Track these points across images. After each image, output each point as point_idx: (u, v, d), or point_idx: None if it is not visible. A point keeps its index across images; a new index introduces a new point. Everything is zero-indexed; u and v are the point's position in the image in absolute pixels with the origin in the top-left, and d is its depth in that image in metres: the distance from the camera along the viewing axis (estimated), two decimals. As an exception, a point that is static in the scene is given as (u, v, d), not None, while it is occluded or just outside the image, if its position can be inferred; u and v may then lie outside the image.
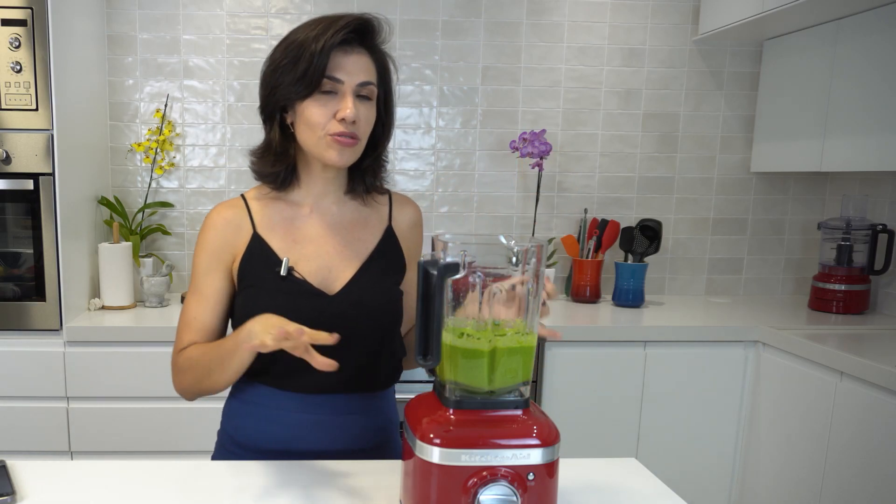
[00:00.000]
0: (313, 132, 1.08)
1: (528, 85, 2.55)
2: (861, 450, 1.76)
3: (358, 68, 1.08)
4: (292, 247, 1.15)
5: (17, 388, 2.03)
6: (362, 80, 1.08)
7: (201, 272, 1.16)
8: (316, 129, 1.08)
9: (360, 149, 1.12)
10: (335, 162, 1.09)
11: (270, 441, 1.15)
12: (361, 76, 1.08)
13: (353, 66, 1.07)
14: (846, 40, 2.15)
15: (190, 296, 1.17)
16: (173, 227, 2.51)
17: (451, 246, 0.83)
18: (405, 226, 1.23)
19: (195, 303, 1.16)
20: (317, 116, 1.07)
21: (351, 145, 1.08)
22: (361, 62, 1.08)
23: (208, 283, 1.15)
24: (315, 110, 1.07)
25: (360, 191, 1.20)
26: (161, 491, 1.00)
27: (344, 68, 1.07)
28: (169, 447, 2.07)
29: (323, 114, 1.07)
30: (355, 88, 1.07)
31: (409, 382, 2.01)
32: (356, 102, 1.07)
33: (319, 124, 1.07)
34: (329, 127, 1.07)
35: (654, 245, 2.41)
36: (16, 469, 1.05)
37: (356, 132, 1.08)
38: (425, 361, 0.84)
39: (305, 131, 1.10)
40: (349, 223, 1.19)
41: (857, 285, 2.36)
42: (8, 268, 2.03)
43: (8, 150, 1.94)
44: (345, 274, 1.14)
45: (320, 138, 1.08)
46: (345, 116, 1.06)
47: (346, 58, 1.07)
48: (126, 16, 2.42)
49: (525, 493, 0.81)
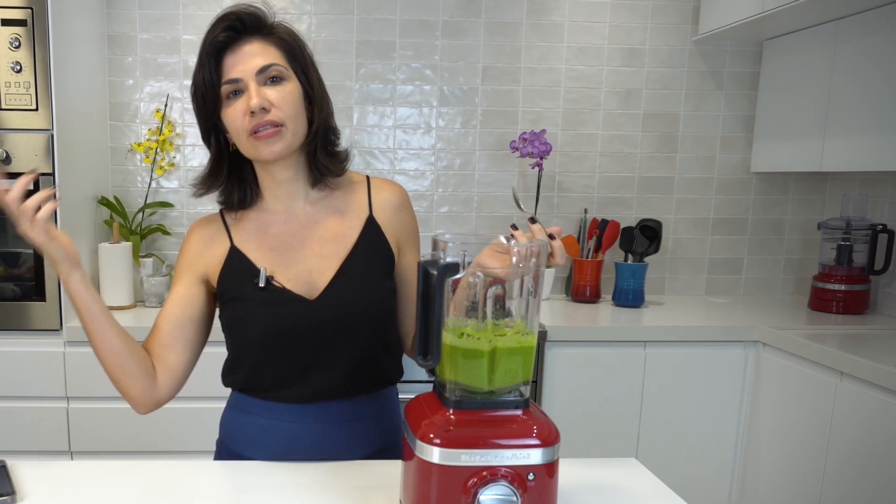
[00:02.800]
0: (239, 136, 1.07)
1: (528, 85, 2.55)
2: (861, 450, 1.76)
3: (250, 57, 1.04)
4: (269, 255, 1.12)
5: (17, 388, 2.03)
6: (259, 65, 1.04)
7: (174, 281, 1.17)
8: (239, 133, 1.06)
9: (291, 132, 1.06)
10: (269, 156, 1.05)
11: (268, 453, 1.12)
12: (257, 62, 1.04)
13: (243, 59, 1.04)
14: (846, 40, 2.15)
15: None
16: (173, 227, 2.51)
17: (451, 246, 0.83)
18: (388, 211, 1.15)
19: (164, 304, 1.16)
20: (234, 120, 1.05)
21: (274, 134, 1.04)
22: (254, 49, 1.05)
23: (174, 291, 1.15)
24: (231, 115, 1.06)
25: (323, 177, 1.13)
26: (161, 491, 1.00)
27: (234, 66, 1.04)
28: (169, 447, 2.07)
29: (237, 115, 1.05)
30: (256, 77, 1.04)
31: (409, 382, 2.01)
32: (263, 89, 1.04)
33: (238, 127, 1.05)
34: (245, 124, 1.04)
35: (654, 245, 2.41)
36: (16, 469, 1.05)
37: (274, 119, 1.03)
38: (425, 361, 0.84)
39: (236, 140, 1.08)
40: (326, 221, 1.14)
41: (857, 285, 2.36)
42: (8, 268, 2.03)
43: (8, 150, 1.94)
44: (325, 276, 1.10)
45: (246, 141, 1.06)
46: (250, 107, 1.02)
47: (234, 56, 1.05)
48: (126, 16, 2.42)
49: (525, 493, 0.81)
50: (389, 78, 2.51)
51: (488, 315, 0.85)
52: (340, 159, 1.15)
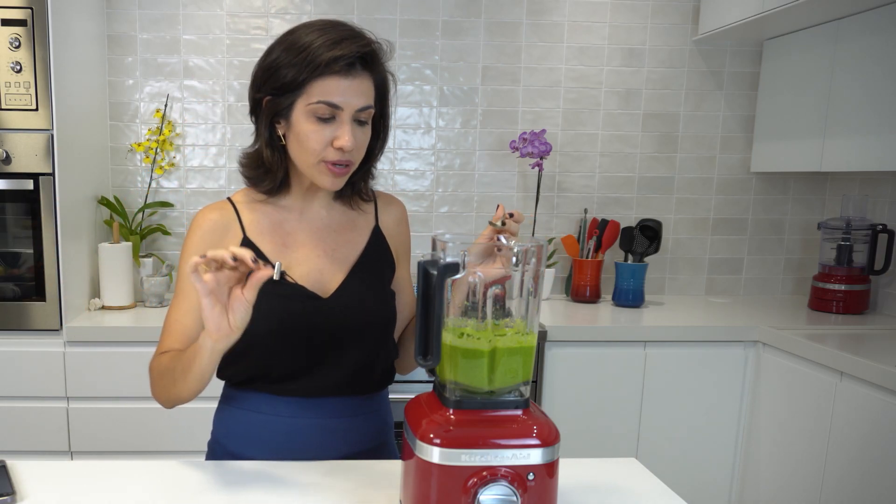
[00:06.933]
0: (307, 156, 1.06)
1: (528, 85, 2.55)
2: (861, 450, 1.76)
3: (358, 93, 1.04)
4: (283, 251, 1.14)
5: (17, 388, 2.03)
6: (362, 105, 1.05)
7: (186, 275, 1.12)
8: (312, 154, 1.05)
9: (353, 170, 1.10)
10: (328, 187, 1.09)
11: (265, 448, 1.13)
12: (361, 101, 1.05)
13: (353, 92, 1.04)
14: (846, 40, 2.15)
15: (173, 299, 1.14)
16: (173, 227, 2.51)
17: (450, 246, 0.83)
18: (392, 223, 1.23)
19: (177, 306, 1.12)
20: (313, 142, 1.04)
21: (345, 173, 1.08)
22: (363, 87, 1.05)
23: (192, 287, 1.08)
24: (312, 135, 1.04)
25: (348, 197, 1.19)
26: (161, 490, 1.00)
27: (344, 94, 1.03)
28: (169, 447, 2.07)
29: (319, 140, 1.04)
30: (354, 114, 1.05)
31: (409, 382, 2.00)
32: (354, 128, 1.05)
33: (315, 151, 1.05)
34: (325, 154, 1.05)
35: (654, 245, 2.41)
36: (16, 469, 1.05)
37: (351, 159, 1.07)
38: (425, 361, 0.84)
39: (299, 151, 1.07)
40: (338, 226, 1.18)
41: (857, 285, 2.35)
42: (8, 268, 2.03)
43: (8, 150, 1.94)
44: (336, 277, 1.14)
45: (314, 164, 1.06)
46: (342, 146, 1.03)
47: (347, 82, 1.03)
48: (126, 16, 2.42)
49: (525, 493, 0.81)
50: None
51: (488, 315, 0.85)
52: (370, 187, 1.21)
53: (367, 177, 1.19)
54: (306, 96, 1.04)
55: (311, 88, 1.03)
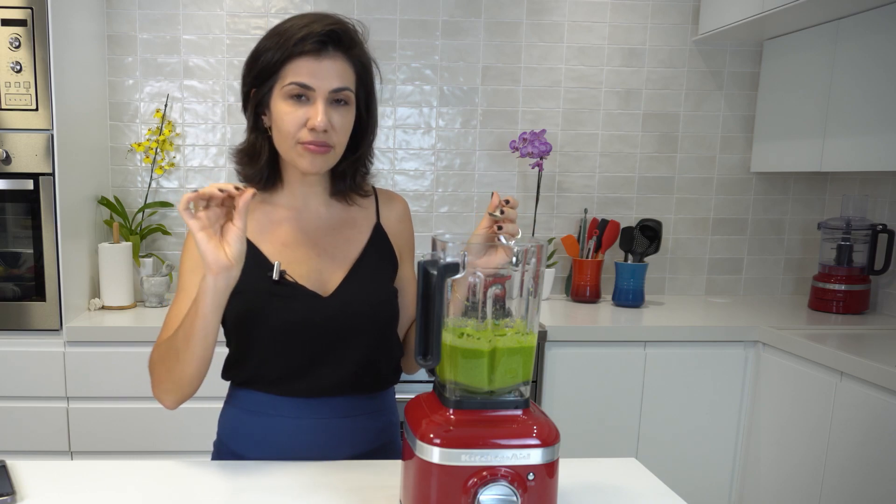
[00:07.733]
0: (285, 139, 1.07)
1: (528, 85, 2.55)
2: (861, 450, 1.76)
3: (331, 74, 1.05)
4: (282, 250, 1.14)
5: (17, 388, 2.03)
6: (335, 85, 1.05)
7: (187, 271, 1.13)
8: (287, 137, 1.06)
9: (336, 155, 1.10)
10: (307, 169, 1.08)
11: (269, 450, 1.13)
12: (334, 82, 1.05)
13: (325, 73, 1.04)
14: (846, 40, 2.15)
15: (175, 297, 1.14)
16: (173, 227, 2.51)
17: (450, 246, 0.83)
18: (393, 220, 1.22)
19: (178, 302, 1.12)
20: (287, 124, 1.05)
21: (323, 153, 1.06)
22: (336, 67, 1.05)
23: (193, 283, 1.11)
24: (286, 117, 1.05)
25: (344, 192, 1.18)
26: (161, 491, 1.00)
27: (315, 75, 1.04)
28: (169, 447, 2.07)
29: (293, 121, 1.05)
30: (328, 95, 1.05)
31: (409, 382, 2.01)
32: (329, 109, 1.05)
33: (290, 132, 1.06)
34: (300, 135, 1.05)
35: (654, 245, 2.41)
36: (16, 469, 1.05)
37: (328, 140, 1.06)
38: (425, 361, 0.84)
39: (278, 137, 1.09)
40: (337, 224, 1.18)
41: (857, 285, 2.36)
42: (8, 268, 2.03)
43: (8, 150, 1.94)
44: (336, 275, 1.13)
45: (291, 147, 1.07)
46: (315, 125, 1.04)
47: (317, 63, 1.04)
48: (126, 16, 2.42)
49: (525, 493, 0.81)
50: (389, 78, 2.51)
51: (488, 315, 0.85)
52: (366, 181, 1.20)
53: (360, 168, 1.17)
54: (281, 80, 1.06)
55: (284, 72, 1.06)
